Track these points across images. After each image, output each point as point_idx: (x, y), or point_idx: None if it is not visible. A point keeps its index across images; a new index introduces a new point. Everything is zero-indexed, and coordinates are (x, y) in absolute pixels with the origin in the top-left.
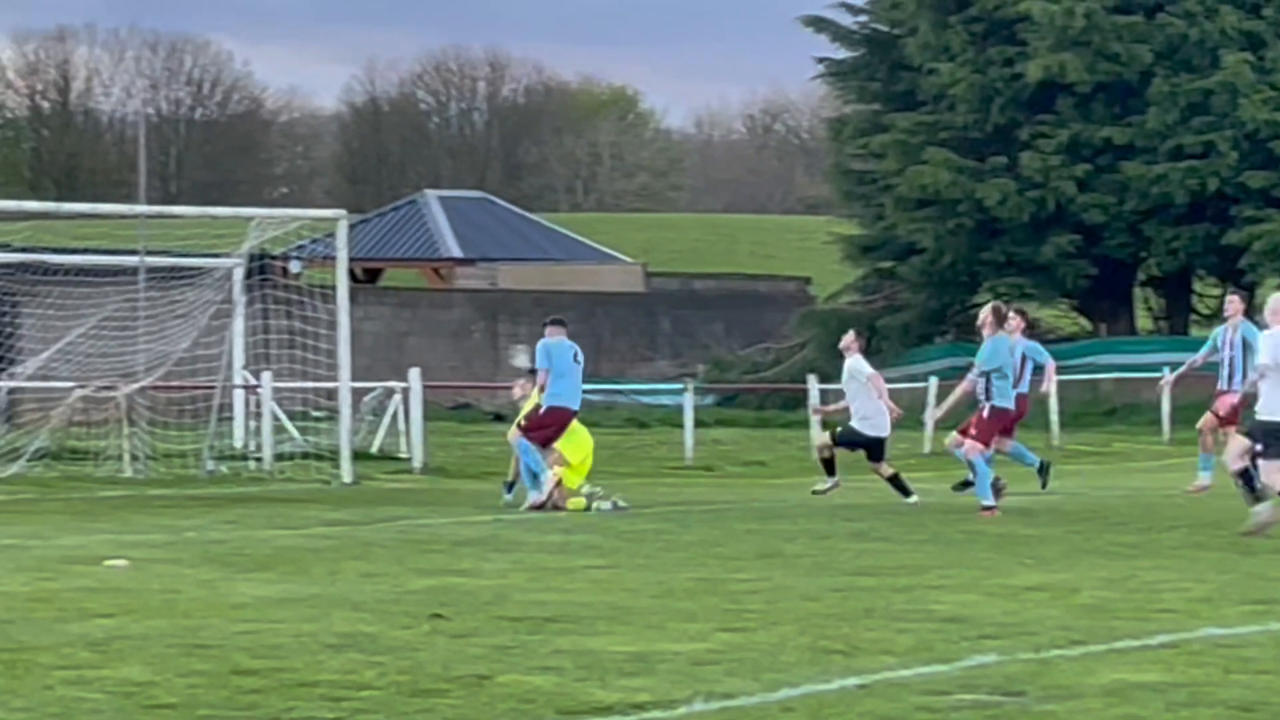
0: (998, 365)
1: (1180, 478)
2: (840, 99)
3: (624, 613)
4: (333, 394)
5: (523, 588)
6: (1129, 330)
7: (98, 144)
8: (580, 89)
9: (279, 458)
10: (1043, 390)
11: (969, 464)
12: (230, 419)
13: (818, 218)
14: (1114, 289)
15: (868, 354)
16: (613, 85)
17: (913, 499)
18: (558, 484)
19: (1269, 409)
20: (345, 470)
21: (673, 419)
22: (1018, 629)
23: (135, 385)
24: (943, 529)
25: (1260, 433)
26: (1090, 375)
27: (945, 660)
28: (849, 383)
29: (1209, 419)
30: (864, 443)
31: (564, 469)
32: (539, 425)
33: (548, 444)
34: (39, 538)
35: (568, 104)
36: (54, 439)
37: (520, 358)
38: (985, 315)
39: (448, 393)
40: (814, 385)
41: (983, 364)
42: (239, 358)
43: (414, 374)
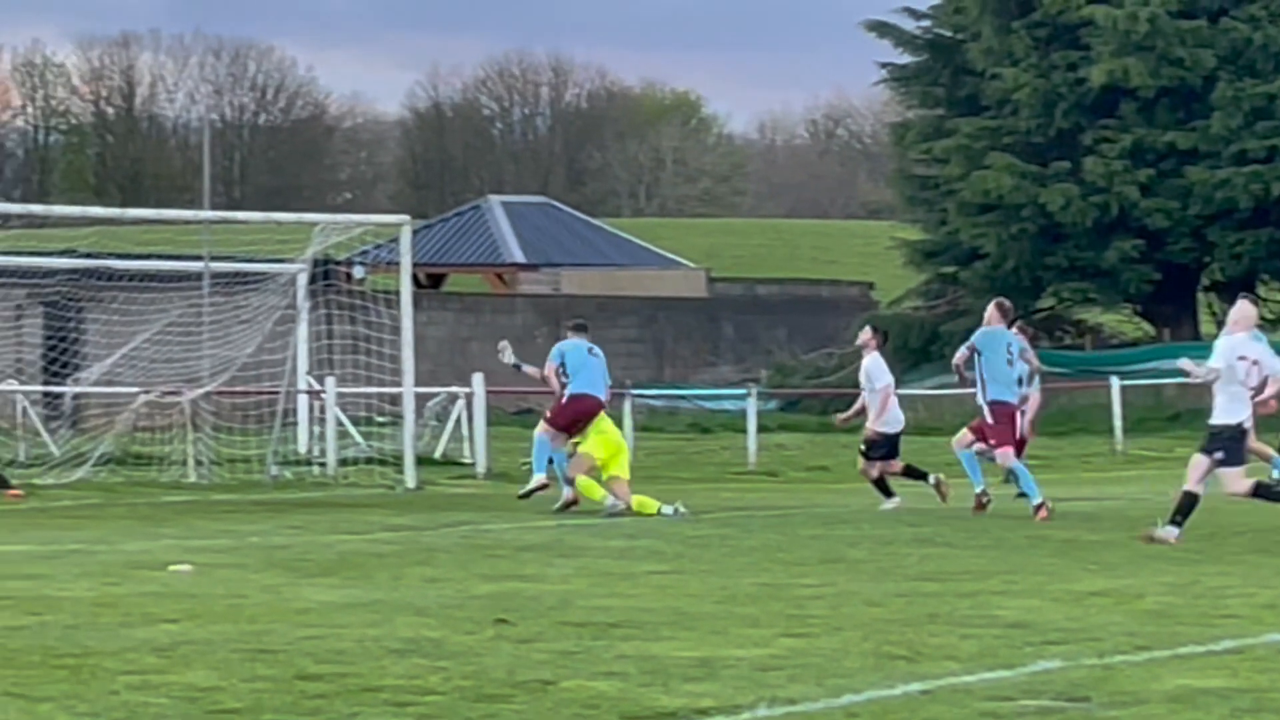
0: (981, 347)
1: None
2: (903, 104)
3: (687, 618)
4: (396, 399)
5: (586, 593)
6: (1193, 335)
7: (162, 150)
8: (643, 94)
9: (343, 463)
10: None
11: (1008, 473)
12: (294, 424)
13: (880, 223)
14: (1177, 294)
15: (927, 359)
16: (676, 90)
17: (931, 478)
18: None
19: (1226, 414)
20: (409, 475)
21: (736, 424)
22: (1082, 634)
23: (200, 390)
24: (1006, 534)
25: (1216, 440)
26: (1154, 380)
27: (1009, 666)
28: (865, 383)
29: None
30: (881, 442)
31: (589, 473)
32: (561, 412)
33: (571, 432)
34: (104, 543)
35: (631, 109)
36: (119, 444)
37: (507, 354)
38: (990, 311)
39: (511, 398)
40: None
41: (974, 342)
42: (303, 363)
43: (477, 379)
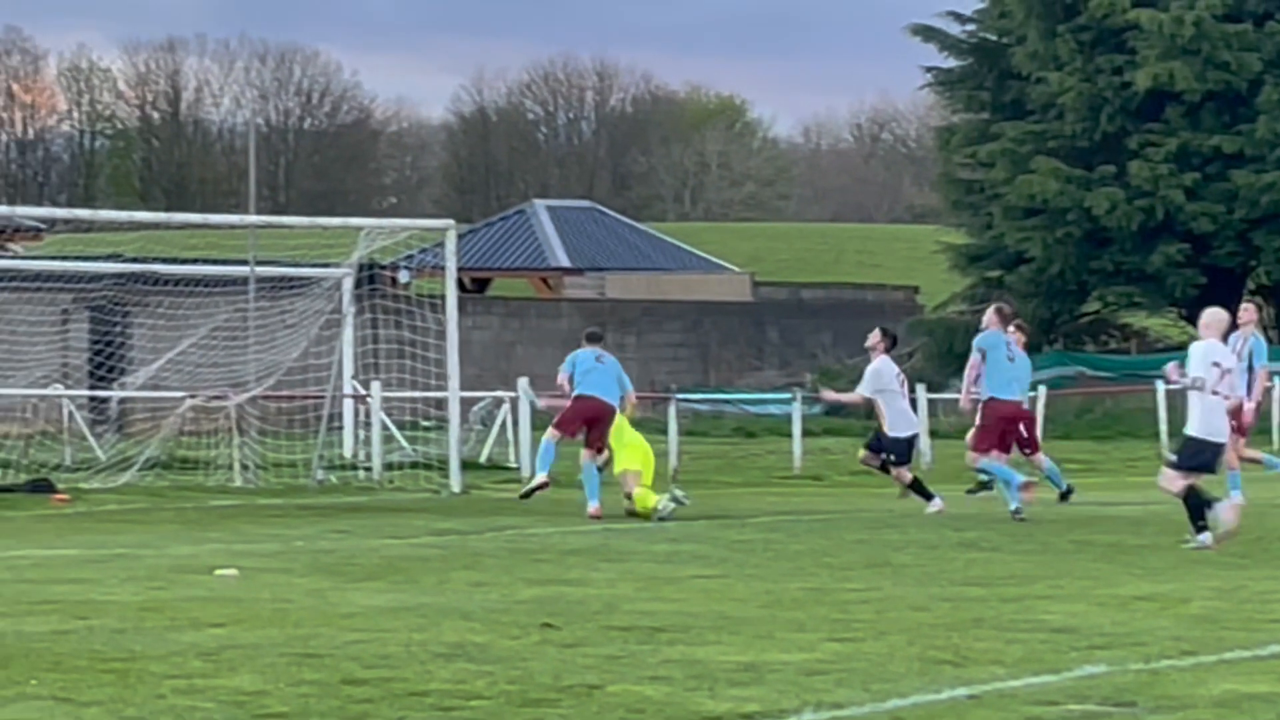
0: (987, 348)
1: None
2: (948, 108)
3: (733, 622)
4: (441, 403)
5: (631, 597)
6: None
7: (207, 154)
8: (688, 98)
9: (388, 467)
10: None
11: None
12: (340, 428)
13: (925, 227)
14: (1223, 298)
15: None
16: (720, 95)
17: (935, 504)
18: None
19: (1213, 431)
20: (454, 480)
21: (780, 428)
22: (1128, 639)
23: (245, 395)
24: (1052, 539)
25: (1202, 452)
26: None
27: (1055, 670)
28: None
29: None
30: (897, 446)
31: (639, 484)
32: (564, 415)
33: (574, 433)
34: (150, 547)
35: (675, 113)
36: (165, 448)
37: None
38: (990, 316)
39: (558, 402)
40: (923, 395)
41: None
42: (348, 367)
43: (522, 383)
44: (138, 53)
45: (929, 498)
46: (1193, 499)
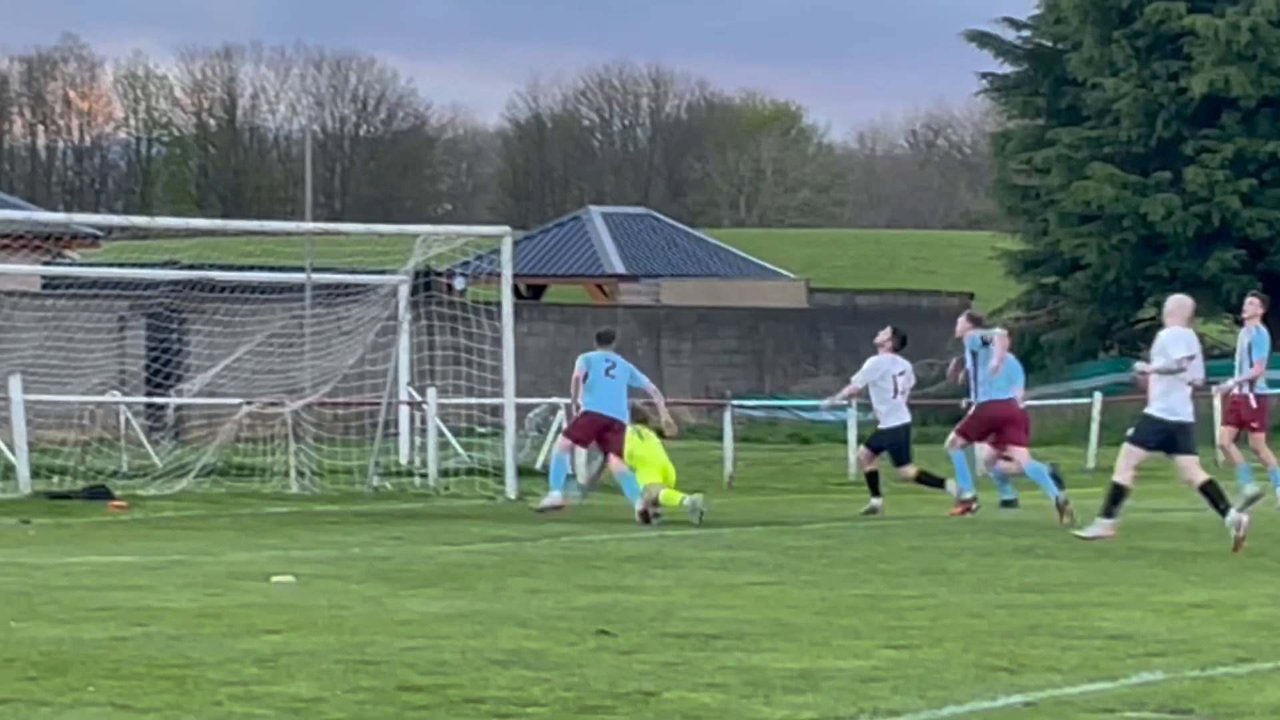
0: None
1: None
2: (1003, 114)
3: (788, 629)
4: (497, 410)
5: (687, 604)
6: None
7: (263, 161)
8: (743, 105)
9: (444, 474)
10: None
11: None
12: (396, 435)
13: (980, 233)
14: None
15: (1028, 369)
16: (775, 101)
17: (949, 487)
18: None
19: (1169, 409)
20: (510, 486)
21: (835, 434)
22: (1184, 646)
23: (301, 402)
24: (1107, 546)
25: (1160, 432)
26: (1256, 391)
27: (1111, 678)
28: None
29: (1226, 431)
30: (889, 440)
31: (661, 490)
32: (575, 426)
33: (586, 444)
34: (207, 554)
35: (730, 120)
36: (221, 455)
37: None
38: (962, 323)
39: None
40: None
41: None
42: (404, 374)
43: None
44: (194, 60)
45: (939, 484)
46: (1119, 491)
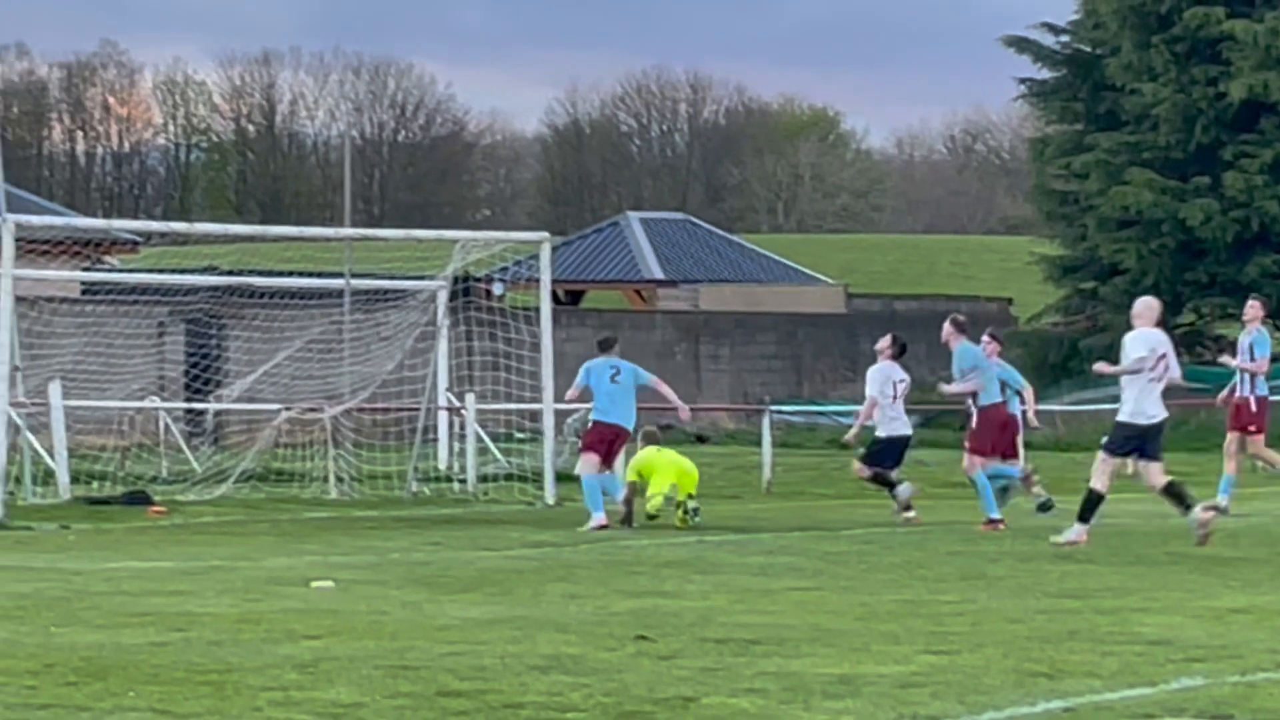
0: (972, 364)
1: None
2: (1042, 119)
3: (828, 634)
4: (536, 415)
5: (726, 609)
6: None
7: (302, 167)
8: (781, 110)
9: (482, 479)
10: (1029, 422)
11: (969, 481)
12: (434, 441)
13: (1019, 238)
14: None
15: (1066, 374)
16: (813, 106)
17: (903, 489)
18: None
19: (1139, 412)
20: (548, 492)
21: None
22: (1224, 651)
23: (340, 407)
24: (1147, 551)
25: (1132, 437)
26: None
27: (1151, 683)
28: (868, 387)
29: (1251, 441)
30: (887, 450)
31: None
32: (587, 440)
33: (602, 454)
34: (246, 559)
35: (769, 125)
36: (260, 461)
37: None
38: (946, 329)
39: (650, 414)
40: (1016, 408)
41: (959, 364)
42: (443, 379)
43: None
44: (233, 66)
45: (893, 487)
46: (1095, 497)
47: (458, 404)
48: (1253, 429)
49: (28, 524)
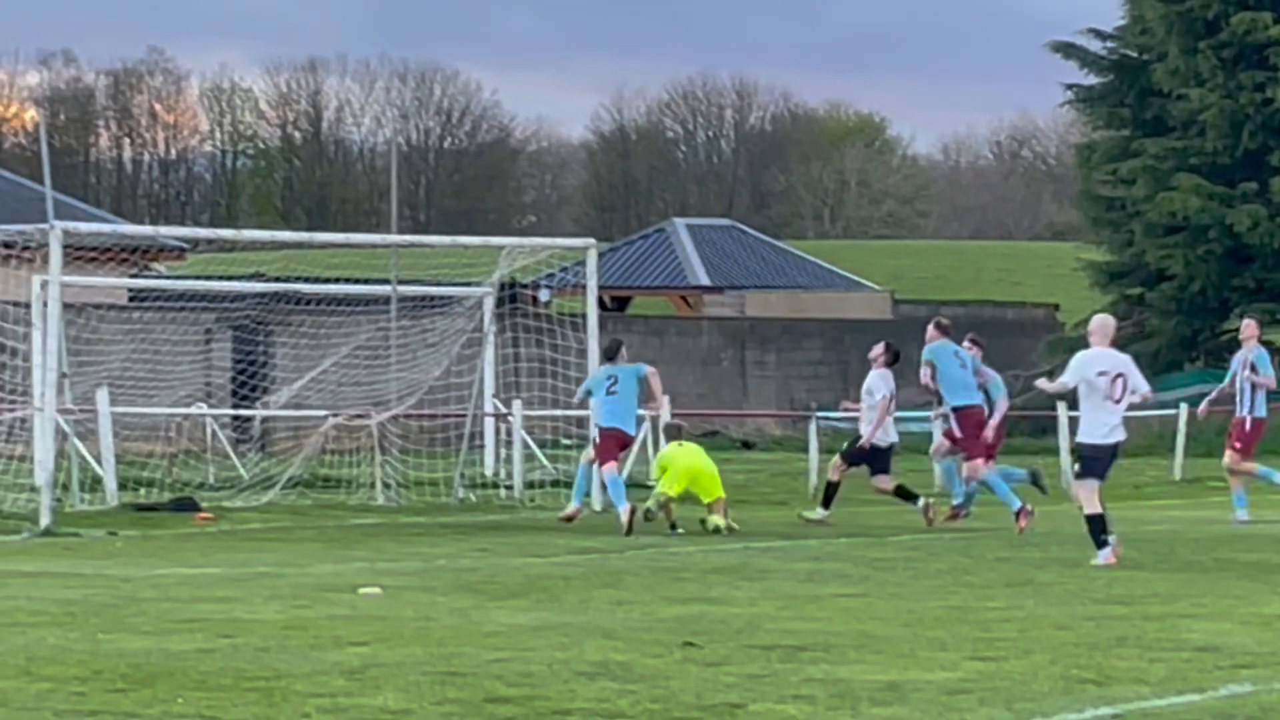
0: (935, 360)
1: None
2: (1088, 125)
3: (875, 641)
4: (582, 422)
5: (773, 616)
6: None
7: (348, 174)
8: (827, 116)
9: (529, 485)
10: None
11: (982, 485)
12: (481, 447)
13: (1065, 244)
14: None
15: None
16: (860, 112)
17: (920, 502)
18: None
19: (1087, 433)
20: (595, 498)
21: (920, 446)
22: (1272, 658)
23: (387, 413)
24: (1195, 557)
25: (1098, 457)
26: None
27: (1199, 690)
28: (865, 397)
29: (1231, 455)
30: (872, 455)
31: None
32: (599, 448)
33: (615, 456)
34: (293, 565)
35: (815, 131)
36: (307, 467)
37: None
38: (930, 331)
39: (696, 420)
40: (1063, 412)
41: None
42: (489, 386)
43: (663, 401)
44: (279, 73)
45: (914, 499)
46: (1095, 520)
47: (504, 410)
48: (1238, 445)
49: (75, 530)
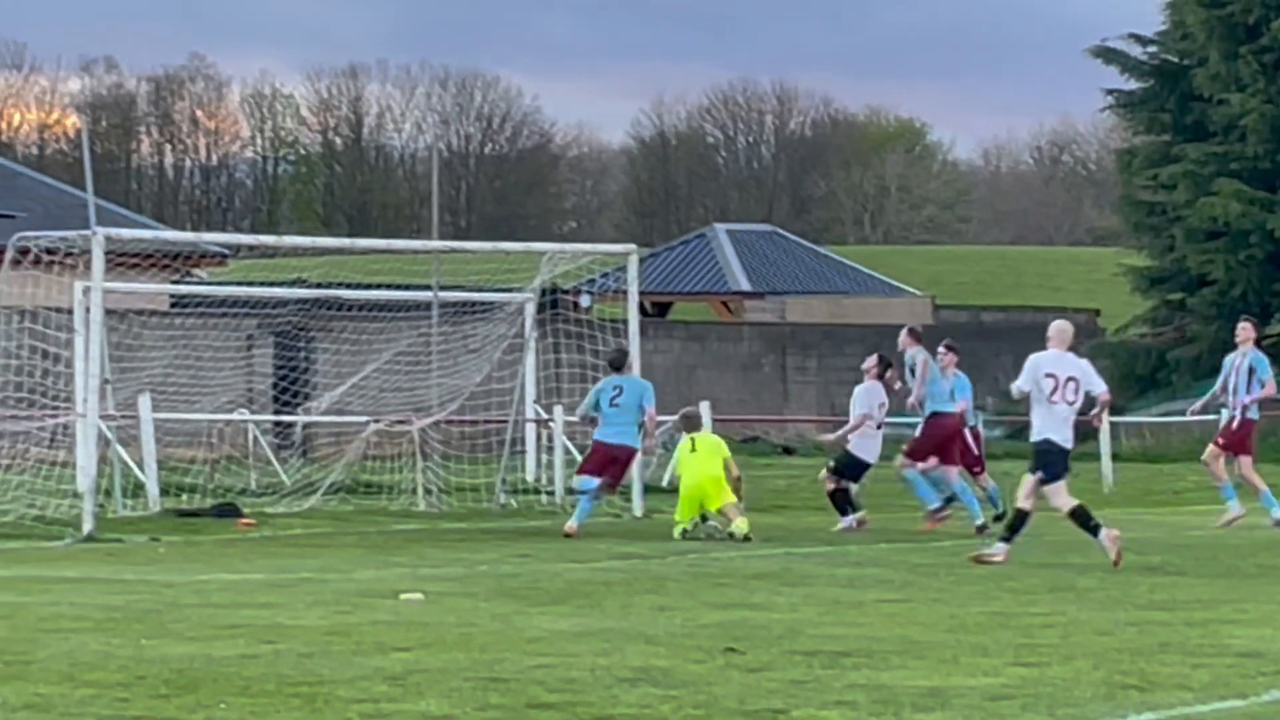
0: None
1: None
2: (1129, 130)
3: (917, 646)
4: None
5: (815, 621)
6: None
7: (389, 179)
8: (867, 121)
9: (570, 491)
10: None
11: (903, 479)
12: (522, 453)
13: (1106, 249)
14: None
15: (1154, 386)
16: (900, 118)
17: (846, 521)
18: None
19: (1040, 432)
20: (636, 504)
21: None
22: None
23: (428, 419)
24: (1237, 562)
25: (1037, 458)
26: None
27: (1242, 695)
28: (852, 406)
29: (1212, 449)
30: (859, 468)
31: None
32: (586, 458)
33: (595, 475)
34: (335, 571)
35: (855, 136)
36: (349, 473)
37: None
38: (903, 337)
39: (737, 425)
40: (1105, 418)
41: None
42: (531, 392)
43: (704, 407)
44: (320, 79)
45: (844, 513)
46: (1076, 512)
47: (546, 416)
48: (1221, 442)
49: (118, 536)
